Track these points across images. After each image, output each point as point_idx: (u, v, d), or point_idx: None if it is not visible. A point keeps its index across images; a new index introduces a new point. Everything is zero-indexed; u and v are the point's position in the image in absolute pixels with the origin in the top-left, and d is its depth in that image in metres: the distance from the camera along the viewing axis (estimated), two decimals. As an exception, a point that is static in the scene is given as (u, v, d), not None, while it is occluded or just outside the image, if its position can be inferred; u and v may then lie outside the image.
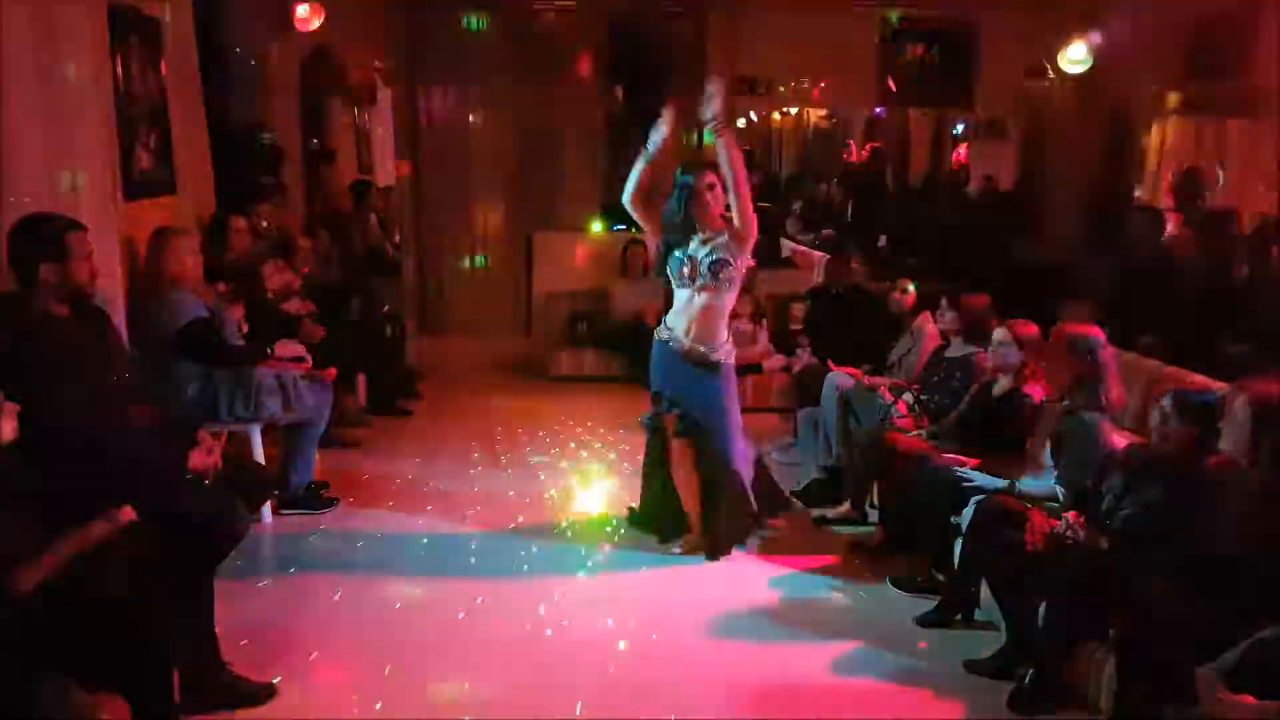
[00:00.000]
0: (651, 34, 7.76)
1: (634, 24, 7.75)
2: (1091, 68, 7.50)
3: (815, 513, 4.97)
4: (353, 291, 6.80)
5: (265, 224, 5.97)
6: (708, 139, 4.28)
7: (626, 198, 4.38)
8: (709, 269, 4.20)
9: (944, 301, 4.83)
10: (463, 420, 6.59)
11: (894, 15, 7.64)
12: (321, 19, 7.17)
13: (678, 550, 4.50)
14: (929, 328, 5.32)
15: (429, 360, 7.77)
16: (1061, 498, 3.72)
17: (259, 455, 4.67)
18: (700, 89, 4.26)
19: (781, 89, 7.76)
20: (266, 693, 3.25)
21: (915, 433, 4.60)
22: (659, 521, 4.63)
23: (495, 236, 8.01)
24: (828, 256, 7.24)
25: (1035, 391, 4.18)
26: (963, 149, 10.49)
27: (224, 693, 3.16)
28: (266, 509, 4.66)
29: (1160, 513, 3.25)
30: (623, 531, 4.73)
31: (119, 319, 3.88)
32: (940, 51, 7.78)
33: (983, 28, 7.71)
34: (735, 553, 4.47)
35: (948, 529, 4.08)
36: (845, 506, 4.90)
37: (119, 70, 4.44)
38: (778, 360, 6.75)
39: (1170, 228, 6.34)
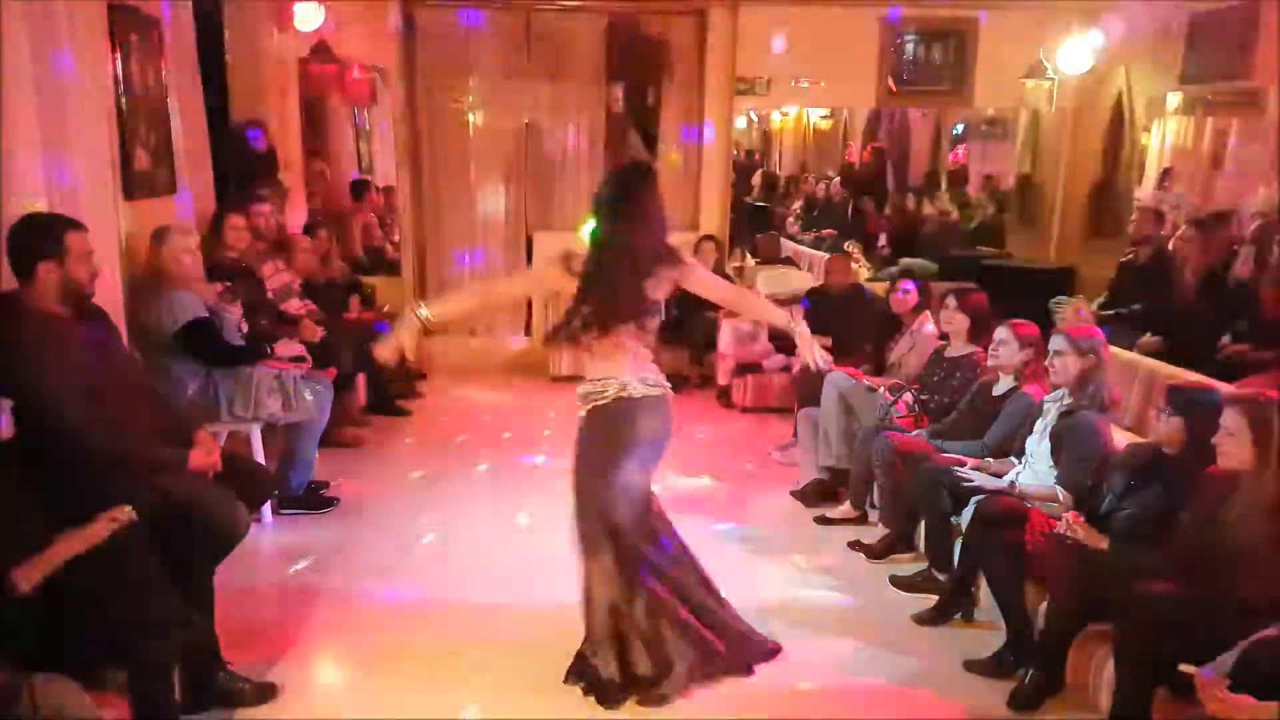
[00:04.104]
0: (651, 34, 7.75)
1: (634, 24, 7.74)
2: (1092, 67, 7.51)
3: (815, 513, 4.98)
4: (352, 291, 6.81)
5: (264, 224, 5.96)
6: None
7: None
8: None
9: (951, 302, 4.82)
10: (463, 420, 6.59)
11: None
12: (322, 19, 7.16)
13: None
14: (929, 328, 5.32)
15: (429, 360, 7.78)
16: (1061, 498, 3.72)
17: (259, 455, 4.67)
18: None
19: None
20: (266, 693, 3.25)
21: (915, 433, 4.60)
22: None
23: (495, 236, 8.01)
24: (827, 256, 7.24)
25: (1035, 391, 4.18)
26: (962, 149, 10.49)
27: (224, 693, 3.16)
28: (266, 509, 4.67)
29: (1160, 513, 3.26)
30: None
31: (119, 319, 3.88)
32: (940, 50, 7.78)
33: (982, 26, 7.71)
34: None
35: (948, 529, 4.09)
36: (845, 506, 4.91)
37: (119, 70, 4.44)
38: (778, 360, 6.75)
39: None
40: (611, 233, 3.24)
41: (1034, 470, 3.93)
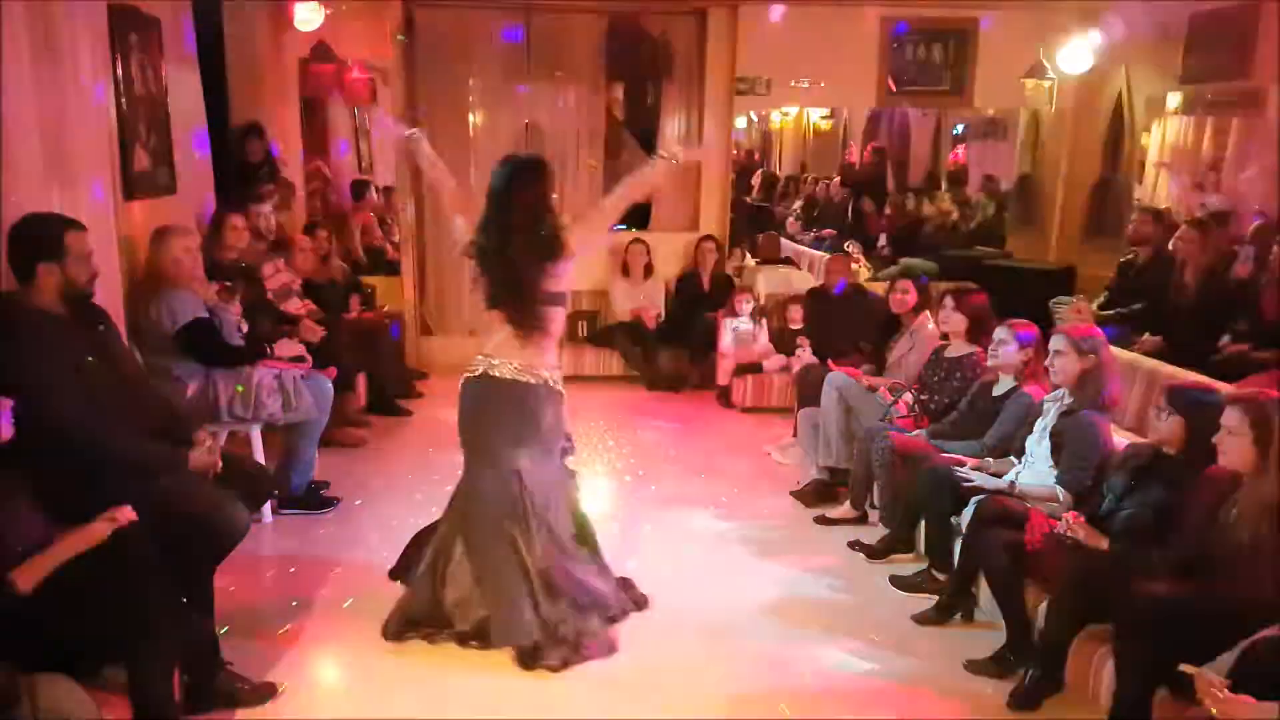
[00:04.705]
0: (651, 34, 7.75)
1: (634, 24, 7.74)
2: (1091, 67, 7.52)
3: (815, 513, 4.98)
4: (352, 291, 6.82)
5: (265, 224, 5.97)
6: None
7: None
8: None
9: (949, 302, 4.82)
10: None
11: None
12: (322, 19, 7.17)
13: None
14: (929, 328, 5.32)
15: (429, 360, 7.77)
16: (1061, 498, 3.73)
17: (259, 455, 4.67)
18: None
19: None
20: (266, 693, 3.25)
21: (915, 433, 4.60)
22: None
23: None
24: (827, 256, 7.25)
25: (1035, 391, 4.18)
26: (962, 149, 10.51)
27: (224, 693, 3.16)
28: (266, 509, 4.66)
29: (1160, 513, 3.26)
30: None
31: (119, 319, 3.88)
32: (940, 50, 7.79)
33: (982, 27, 7.72)
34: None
35: (948, 529, 4.09)
36: (845, 506, 4.90)
37: (119, 70, 4.43)
38: (778, 360, 6.75)
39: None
40: (503, 241, 3.50)
41: (1034, 470, 3.93)
